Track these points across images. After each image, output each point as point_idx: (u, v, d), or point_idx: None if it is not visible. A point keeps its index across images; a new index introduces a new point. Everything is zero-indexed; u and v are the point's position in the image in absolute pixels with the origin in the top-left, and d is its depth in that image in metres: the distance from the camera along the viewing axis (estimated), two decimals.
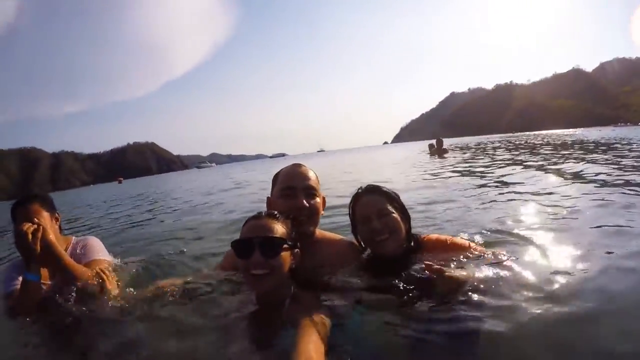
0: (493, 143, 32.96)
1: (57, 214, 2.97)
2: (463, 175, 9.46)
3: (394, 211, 2.27)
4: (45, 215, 2.81)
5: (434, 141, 21.52)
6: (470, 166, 11.84)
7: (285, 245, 1.87)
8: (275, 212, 2.00)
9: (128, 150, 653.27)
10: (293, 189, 2.29)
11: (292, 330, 1.64)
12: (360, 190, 2.42)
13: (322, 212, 2.43)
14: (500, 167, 10.41)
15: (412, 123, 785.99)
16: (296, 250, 1.98)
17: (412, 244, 2.34)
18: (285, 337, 1.66)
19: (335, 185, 9.36)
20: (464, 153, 20.13)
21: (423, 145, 34.11)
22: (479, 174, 9.21)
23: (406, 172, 12.48)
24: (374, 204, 2.29)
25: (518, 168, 9.89)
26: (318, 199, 2.37)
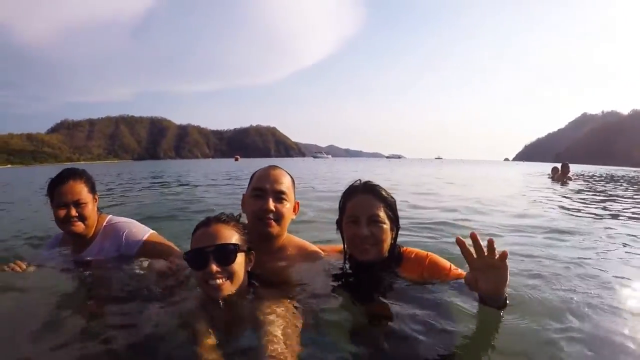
0: (628, 176, 28.63)
1: (96, 195, 2.82)
2: (587, 207, 8.42)
3: (385, 221, 2.18)
4: (89, 196, 2.70)
5: (558, 165, 19.56)
6: (596, 199, 10.46)
7: (239, 250, 1.85)
8: (224, 215, 1.97)
9: (250, 131, 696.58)
10: (263, 191, 2.30)
11: (256, 324, 1.64)
12: (357, 184, 2.32)
13: (293, 217, 2.42)
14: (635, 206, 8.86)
15: (537, 142, 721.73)
16: (251, 251, 1.97)
17: (392, 254, 2.26)
18: (250, 331, 1.67)
19: (447, 200, 8.85)
20: (591, 183, 17.94)
21: (546, 167, 30.92)
22: (605, 211, 8.09)
23: (526, 194, 11.45)
24: (367, 207, 2.19)
25: None
26: (288, 204, 2.35)
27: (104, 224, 2.82)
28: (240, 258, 1.87)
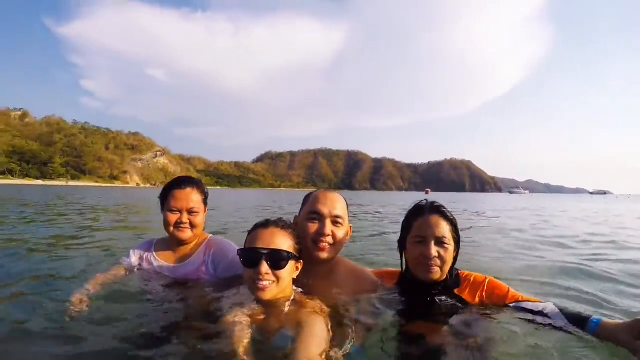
0: None
1: (206, 207, 2.80)
2: None
3: (451, 242, 2.18)
4: (202, 206, 2.71)
5: None
6: None
7: (291, 258, 1.94)
8: (282, 222, 2.03)
9: (444, 165, 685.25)
10: (321, 215, 2.26)
11: (291, 331, 1.71)
12: (425, 204, 2.30)
13: (346, 241, 2.38)
14: None
15: None
16: (300, 260, 2.05)
17: (451, 275, 2.26)
18: (285, 337, 1.73)
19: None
20: None
21: None
22: None
23: None
24: (436, 228, 2.17)
25: None
26: (343, 229, 2.33)
27: (207, 239, 2.80)
28: (290, 265, 1.94)
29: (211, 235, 2.85)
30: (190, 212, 2.61)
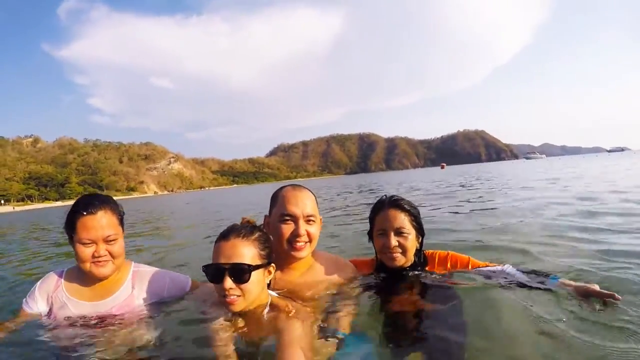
0: None
1: (124, 227, 2.30)
2: None
3: (410, 231, 2.41)
4: (119, 230, 2.23)
5: None
6: None
7: (254, 269, 1.87)
8: (244, 229, 1.95)
9: (458, 137, 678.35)
10: (294, 216, 2.28)
11: (272, 337, 1.73)
12: (384, 199, 2.53)
13: (319, 233, 2.42)
14: None
15: None
16: (271, 264, 2.00)
17: (419, 259, 2.52)
18: (266, 344, 1.78)
19: None
20: None
21: None
22: None
23: None
24: (394, 221, 2.40)
25: None
26: (316, 225, 2.38)
27: (132, 268, 2.38)
28: (256, 276, 1.88)
29: (135, 263, 2.43)
30: (107, 241, 2.12)
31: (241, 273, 1.83)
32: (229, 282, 1.81)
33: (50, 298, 2.24)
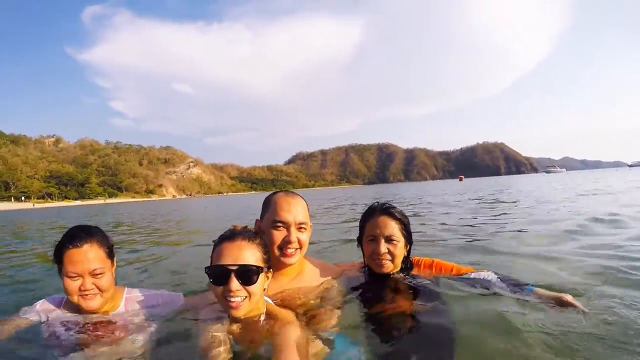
0: None
1: (114, 260, 2.32)
2: None
3: (400, 239, 2.46)
4: (107, 262, 2.21)
5: None
6: None
7: (261, 272, 1.88)
8: (248, 232, 1.95)
9: (477, 149, 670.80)
10: (285, 223, 2.30)
11: (269, 345, 1.72)
12: (376, 206, 2.57)
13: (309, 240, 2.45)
14: None
15: None
16: (270, 270, 1.99)
17: (406, 265, 2.58)
18: (261, 351, 1.77)
19: None
20: None
21: None
22: None
23: None
24: (385, 228, 2.44)
25: None
26: (307, 232, 2.41)
27: (125, 295, 2.38)
28: (261, 278, 1.88)
29: (128, 289, 2.44)
30: (93, 274, 2.12)
31: (249, 274, 1.82)
32: (235, 284, 1.78)
33: (49, 312, 2.27)
